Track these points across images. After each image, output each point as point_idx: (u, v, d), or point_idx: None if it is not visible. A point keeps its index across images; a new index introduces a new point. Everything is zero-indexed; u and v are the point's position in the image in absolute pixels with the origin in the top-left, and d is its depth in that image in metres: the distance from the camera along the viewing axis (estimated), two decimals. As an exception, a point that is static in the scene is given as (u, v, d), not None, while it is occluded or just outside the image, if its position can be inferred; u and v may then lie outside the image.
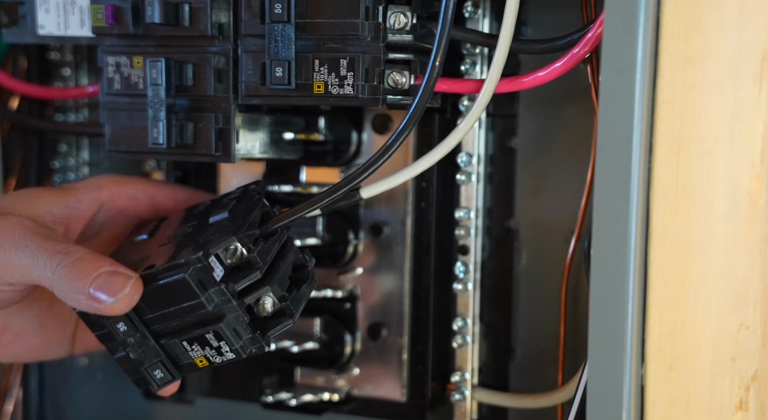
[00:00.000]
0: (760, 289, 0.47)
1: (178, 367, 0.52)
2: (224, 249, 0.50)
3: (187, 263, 0.49)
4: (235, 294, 0.50)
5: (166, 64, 0.54)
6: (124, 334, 0.51)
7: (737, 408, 0.48)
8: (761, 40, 0.45)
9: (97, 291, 0.49)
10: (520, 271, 0.63)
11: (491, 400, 0.62)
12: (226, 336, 0.50)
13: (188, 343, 0.51)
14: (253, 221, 0.52)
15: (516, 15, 0.50)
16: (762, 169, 0.46)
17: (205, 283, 0.49)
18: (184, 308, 0.50)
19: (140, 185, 0.59)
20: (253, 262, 0.50)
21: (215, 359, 0.51)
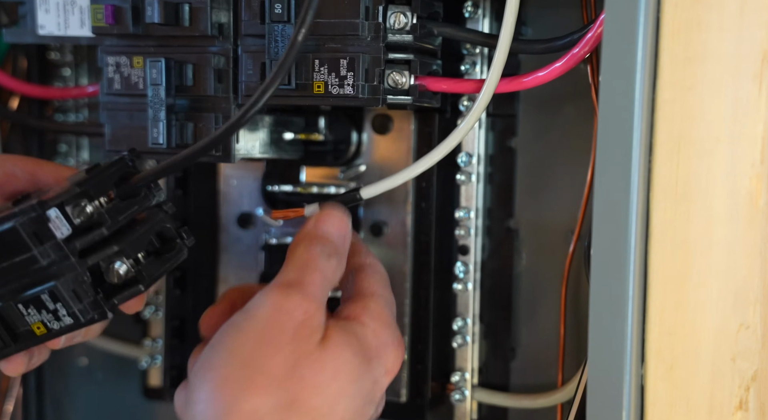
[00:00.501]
0: (760, 289, 0.47)
1: (15, 337, 0.49)
2: (73, 206, 0.47)
3: (21, 212, 0.46)
4: (75, 251, 0.47)
5: (166, 64, 0.54)
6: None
7: (737, 408, 0.48)
8: (761, 40, 0.45)
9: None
10: (520, 271, 0.63)
11: (491, 400, 0.62)
12: (63, 297, 0.47)
13: (23, 305, 0.48)
14: (107, 179, 0.49)
15: (516, 15, 0.50)
16: (762, 169, 0.46)
17: (40, 236, 0.46)
18: (16, 264, 0.47)
19: (19, 161, 0.56)
20: (101, 219, 0.48)
21: (53, 325, 0.48)
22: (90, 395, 0.76)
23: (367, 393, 0.49)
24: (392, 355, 0.50)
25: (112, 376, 0.74)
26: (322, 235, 0.51)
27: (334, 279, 0.51)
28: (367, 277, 0.53)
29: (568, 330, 0.60)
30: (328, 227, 0.52)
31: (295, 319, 0.47)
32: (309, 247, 0.50)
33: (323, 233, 0.51)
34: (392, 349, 0.50)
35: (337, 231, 0.52)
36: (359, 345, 0.49)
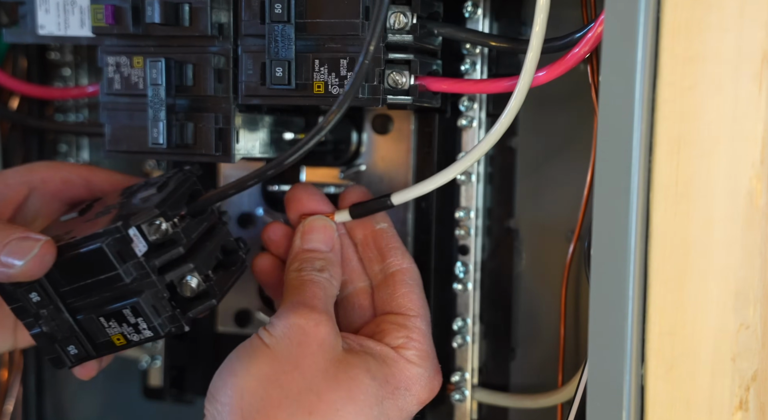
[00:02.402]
0: (760, 289, 0.47)
1: (95, 346, 0.51)
2: (148, 224, 0.49)
3: (106, 233, 0.48)
4: (155, 269, 0.49)
5: (166, 64, 0.54)
6: (37, 305, 0.50)
7: (737, 408, 0.48)
8: (761, 40, 0.45)
9: (8, 256, 0.48)
10: (520, 271, 0.63)
11: (491, 400, 0.62)
12: (144, 312, 0.49)
13: (105, 319, 0.50)
14: (180, 198, 0.51)
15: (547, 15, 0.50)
16: (762, 169, 0.46)
17: (123, 255, 0.49)
18: (102, 280, 0.49)
19: (74, 169, 0.58)
20: (176, 237, 0.50)
21: (132, 337, 0.51)
22: (90, 395, 0.76)
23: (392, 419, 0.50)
24: (425, 386, 0.52)
25: (112, 376, 0.74)
26: (309, 250, 0.53)
27: (333, 291, 0.52)
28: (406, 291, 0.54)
29: (568, 330, 0.60)
30: (313, 242, 0.53)
31: (308, 334, 0.48)
32: (300, 267, 0.52)
33: (310, 248, 0.53)
34: (426, 381, 0.52)
35: (323, 243, 0.53)
36: (382, 373, 0.50)
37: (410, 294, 0.54)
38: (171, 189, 0.52)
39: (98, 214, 0.52)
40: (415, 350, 0.52)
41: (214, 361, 0.66)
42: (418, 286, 0.55)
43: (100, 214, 0.52)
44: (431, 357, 0.53)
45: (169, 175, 0.55)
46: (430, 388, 0.52)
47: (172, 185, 0.53)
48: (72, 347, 0.51)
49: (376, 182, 0.62)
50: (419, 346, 0.52)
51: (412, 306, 0.54)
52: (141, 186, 0.55)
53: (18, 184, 0.56)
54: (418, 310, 0.54)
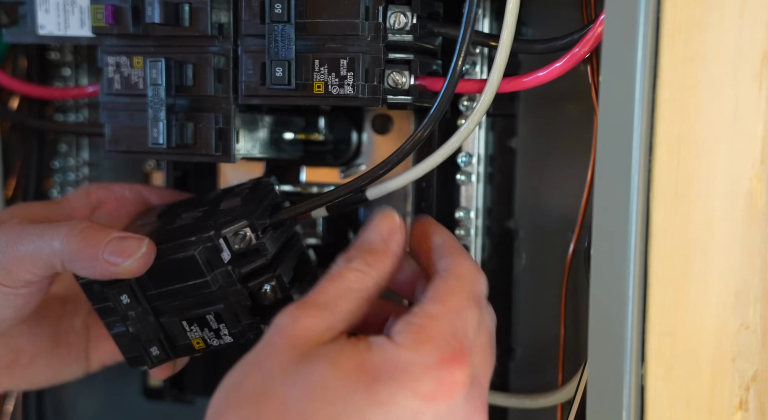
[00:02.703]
0: (760, 289, 0.47)
1: (174, 348, 0.53)
2: (234, 233, 0.50)
3: (199, 241, 0.50)
4: (240, 277, 0.51)
5: (166, 64, 0.54)
6: (127, 306, 0.51)
7: (737, 408, 0.48)
8: (761, 40, 0.45)
9: (112, 255, 0.49)
10: (520, 271, 0.63)
11: (491, 400, 0.62)
12: (227, 319, 0.51)
13: (188, 323, 0.51)
14: (264, 210, 0.53)
15: (516, 15, 0.50)
16: (762, 169, 0.46)
17: (212, 263, 0.50)
18: (189, 286, 0.50)
19: (126, 187, 0.59)
20: (261, 248, 0.51)
21: (213, 342, 0.52)
22: (90, 395, 0.76)
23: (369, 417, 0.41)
24: (425, 376, 0.42)
25: (112, 376, 0.74)
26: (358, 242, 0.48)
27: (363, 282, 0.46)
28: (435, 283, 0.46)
29: (568, 330, 0.60)
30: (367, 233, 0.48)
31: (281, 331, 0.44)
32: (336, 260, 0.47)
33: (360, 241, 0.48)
34: (421, 369, 0.42)
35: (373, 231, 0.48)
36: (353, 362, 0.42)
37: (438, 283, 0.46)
38: (256, 200, 0.53)
39: (179, 221, 0.53)
40: (411, 334, 0.43)
41: (214, 362, 0.66)
42: (457, 278, 0.46)
43: (181, 221, 0.53)
44: (435, 343, 0.43)
45: (249, 186, 0.56)
46: (430, 377, 0.42)
47: (256, 196, 0.54)
48: (155, 349, 0.52)
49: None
50: (417, 329, 0.43)
51: (433, 293, 0.45)
52: (220, 195, 0.56)
53: (81, 206, 0.58)
54: (440, 295, 0.45)
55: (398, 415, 0.41)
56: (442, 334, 0.43)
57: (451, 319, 0.44)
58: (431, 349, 0.43)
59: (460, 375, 0.43)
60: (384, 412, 0.41)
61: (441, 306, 0.45)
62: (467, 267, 0.47)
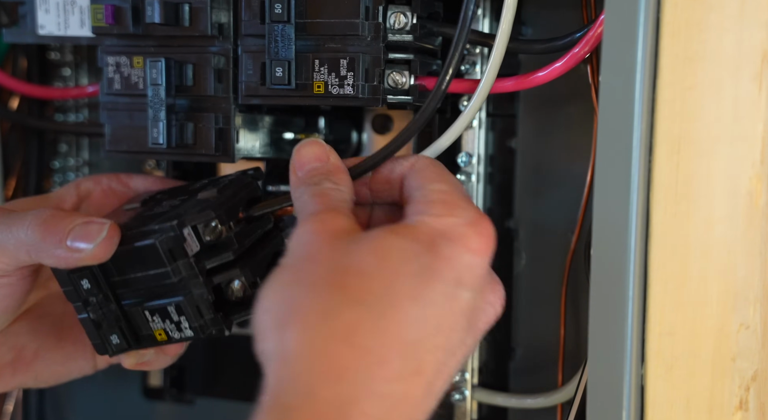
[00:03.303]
0: (760, 289, 0.47)
1: (137, 338, 0.52)
2: (204, 224, 0.49)
3: (160, 230, 0.49)
4: (204, 271, 0.50)
5: (166, 64, 0.54)
6: (87, 292, 0.50)
7: (737, 408, 0.48)
8: (761, 40, 0.45)
9: (75, 241, 0.49)
10: (520, 271, 0.63)
11: (491, 400, 0.62)
12: (188, 312, 0.50)
13: (150, 312, 0.51)
14: (238, 202, 0.52)
15: (514, 14, 0.50)
16: (762, 169, 0.46)
17: (175, 253, 0.49)
18: (151, 276, 0.50)
19: (113, 177, 0.59)
20: (228, 242, 0.50)
21: (174, 334, 0.51)
22: (90, 395, 0.76)
23: (441, 272, 0.43)
24: (469, 232, 0.44)
25: (112, 376, 0.74)
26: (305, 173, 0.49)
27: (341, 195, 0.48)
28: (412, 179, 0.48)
29: (568, 330, 0.60)
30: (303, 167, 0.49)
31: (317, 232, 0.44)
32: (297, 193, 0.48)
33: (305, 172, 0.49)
34: (465, 227, 0.44)
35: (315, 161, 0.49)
36: (408, 232, 0.44)
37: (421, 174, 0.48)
38: (231, 192, 0.52)
39: (156, 208, 0.53)
40: (440, 204, 0.45)
41: (214, 361, 0.66)
42: (432, 165, 0.49)
43: (158, 209, 0.53)
44: (464, 204, 0.46)
45: (232, 178, 0.55)
46: (475, 232, 0.45)
47: (233, 189, 0.53)
48: (114, 337, 0.52)
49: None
50: (444, 200, 0.45)
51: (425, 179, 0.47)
52: (204, 185, 0.56)
53: (70, 198, 0.58)
54: (434, 178, 0.47)
55: (460, 269, 0.44)
56: (463, 200, 0.46)
57: (459, 190, 0.47)
58: (465, 211, 0.45)
59: (492, 228, 0.46)
60: (450, 266, 0.44)
61: (444, 183, 0.47)
62: (430, 158, 0.50)
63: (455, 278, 0.44)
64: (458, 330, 0.44)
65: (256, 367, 0.65)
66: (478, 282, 0.45)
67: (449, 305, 0.44)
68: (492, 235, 0.46)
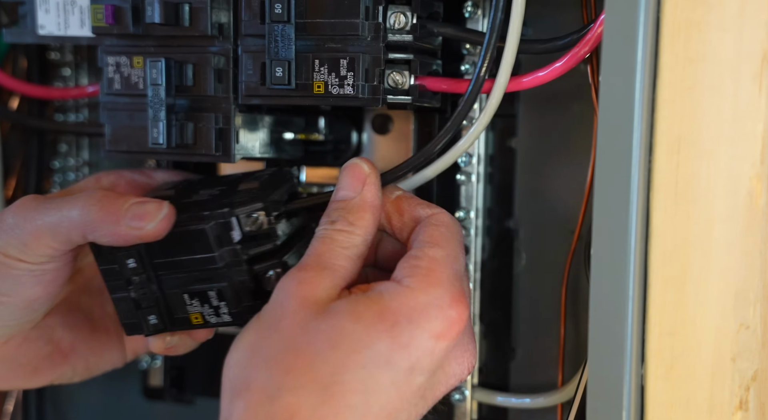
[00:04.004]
0: (760, 289, 0.47)
1: (173, 320, 0.53)
2: (247, 215, 0.50)
3: (211, 216, 0.50)
4: (247, 258, 0.51)
5: (166, 64, 0.54)
6: (132, 271, 0.51)
7: (737, 408, 0.48)
8: (761, 40, 0.45)
9: (134, 219, 0.49)
10: (520, 271, 0.63)
11: (491, 400, 0.62)
12: (229, 297, 0.51)
13: (189, 296, 0.52)
14: (280, 196, 0.53)
15: (522, 14, 0.50)
16: (762, 169, 0.46)
17: (222, 239, 0.50)
18: (196, 260, 0.51)
19: (135, 170, 0.59)
20: (271, 233, 0.51)
21: (211, 319, 0.52)
22: (90, 395, 0.76)
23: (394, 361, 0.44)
24: (437, 316, 0.45)
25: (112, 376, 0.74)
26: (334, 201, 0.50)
27: (351, 240, 0.48)
28: (427, 229, 0.49)
29: (568, 330, 0.60)
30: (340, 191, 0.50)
31: (289, 293, 0.46)
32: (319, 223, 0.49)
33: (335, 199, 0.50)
34: (436, 310, 0.45)
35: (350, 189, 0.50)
36: (371, 311, 0.44)
37: (430, 230, 0.48)
38: (273, 186, 0.53)
39: (195, 196, 0.53)
40: (419, 277, 0.46)
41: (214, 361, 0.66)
42: (445, 224, 0.49)
43: (198, 197, 0.53)
44: (444, 285, 0.46)
45: (270, 172, 0.56)
46: (443, 317, 0.45)
47: (275, 183, 0.54)
48: (153, 317, 0.52)
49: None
50: (425, 273, 0.46)
51: (428, 238, 0.48)
52: (238, 177, 0.56)
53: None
54: (436, 240, 0.47)
55: (417, 355, 0.44)
56: (448, 276, 0.46)
57: (451, 263, 0.47)
58: (442, 291, 0.46)
59: (465, 314, 0.46)
60: (406, 354, 0.44)
61: (441, 250, 0.47)
62: (450, 217, 0.50)
63: (409, 366, 0.44)
64: (406, 409, 0.45)
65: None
66: (436, 363, 0.45)
67: (397, 391, 0.44)
68: (463, 320, 0.46)
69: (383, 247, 0.54)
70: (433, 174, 0.53)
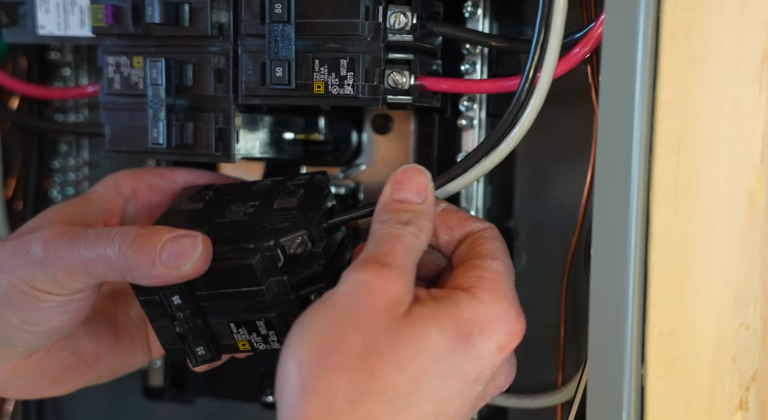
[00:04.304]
0: (760, 289, 0.47)
1: (218, 347, 0.52)
2: (290, 241, 0.49)
3: (257, 250, 0.48)
4: (295, 287, 0.50)
5: (166, 64, 0.54)
6: (177, 307, 0.50)
7: (737, 408, 0.48)
8: (761, 40, 0.45)
9: (170, 259, 0.48)
10: (520, 271, 0.63)
11: (491, 400, 0.62)
12: (277, 326, 0.50)
13: (236, 325, 0.51)
14: (322, 216, 0.51)
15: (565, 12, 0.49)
16: (762, 169, 0.46)
17: (268, 271, 0.49)
18: (242, 292, 0.49)
19: (156, 172, 0.58)
20: (316, 257, 0.50)
21: (259, 346, 0.51)
22: (90, 395, 0.75)
23: (466, 371, 0.45)
24: (504, 329, 0.46)
25: (112, 376, 0.75)
26: (398, 200, 0.49)
27: (418, 245, 0.48)
28: (483, 242, 0.49)
29: (568, 330, 0.60)
30: (403, 192, 0.49)
31: (374, 291, 0.45)
32: (385, 218, 0.48)
33: (400, 199, 0.49)
34: (504, 323, 0.46)
35: (414, 193, 0.49)
36: (452, 320, 0.45)
37: (486, 243, 0.49)
38: (313, 204, 0.51)
39: (229, 214, 0.52)
40: (488, 289, 0.46)
41: (214, 361, 0.66)
42: (499, 239, 0.50)
43: (232, 216, 0.52)
44: (510, 298, 0.47)
45: (303, 182, 0.54)
46: (508, 331, 0.46)
47: (313, 199, 0.52)
48: (201, 349, 0.51)
49: (376, 182, 0.62)
50: (493, 285, 0.47)
51: (488, 251, 0.49)
52: (269, 187, 0.55)
53: (114, 199, 0.56)
54: (496, 253, 0.49)
55: (483, 366, 0.46)
56: (511, 289, 0.48)
57: (510, 277, 0.49)
58: (509, 304, 0.47)
59: (525, 328, 0.48)
60: (476, 365, 0.45)
61: (503, 264, 0.49)
62: (497, 231, 0.51)
63: (476, 375, 0.45)
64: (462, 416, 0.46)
65: (256, 366, 0.65)
66: (494, 374, 0.47)
67: (461, 400, 0.45)
68: (522, 332, 0.48)
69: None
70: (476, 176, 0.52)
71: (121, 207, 0.56)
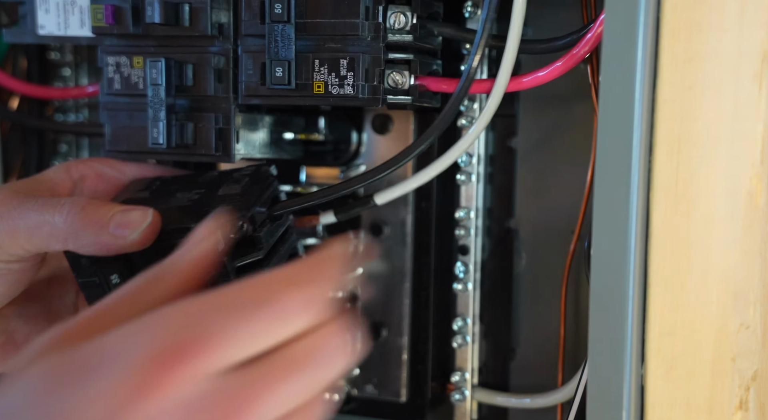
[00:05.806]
0: (760, 289, 0.47)
1: None
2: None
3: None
4: (234, 270, 0.50)
5: (166, 64, 0.54)
6: (115, 286, 0.49)
7: (737, 408, 0.48)
8: (761, 40, 0.45)
9: (118, 228, 0.48)
10: (520, 271, 0.63)
11: (491, 400, 0.62)
12: None
13: None
14: (263, 202, 0.52)
15: (523, 14, 0.50)
16: (762, 169, 0.46)
17: None
18: None
19: (107, 162, 0.57)
20: (257, 241, 0.50)
21: None
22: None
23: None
24: (112, 375, 0.36)
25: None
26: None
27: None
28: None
29: (568, 330, 0.60)
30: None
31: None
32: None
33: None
34: (114, 368, 0.37)
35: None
36: (53, 369, 0.38)
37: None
38: (255, 191, 0.52)
39: (174, 201, 0.52)
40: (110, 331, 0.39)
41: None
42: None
43: (177, 202, 0.52)
44: (133, 335, 0.38)
45: (249, 172, 0.55)
46: (118, 376, 0.37)
47: (256, 187, 0.53)
48: None
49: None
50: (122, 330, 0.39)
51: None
52: (215, 177, 0.55)
53: (63, 182, 0.56)
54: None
55: (110, 410, 0.38)
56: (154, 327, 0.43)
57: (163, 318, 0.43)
58: (125, 341, 0.40)
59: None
60: (98, 411, 0.38)
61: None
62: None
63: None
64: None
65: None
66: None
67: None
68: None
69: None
70: (433, 174, 0.53)
71: (68, 190, 0.56)
